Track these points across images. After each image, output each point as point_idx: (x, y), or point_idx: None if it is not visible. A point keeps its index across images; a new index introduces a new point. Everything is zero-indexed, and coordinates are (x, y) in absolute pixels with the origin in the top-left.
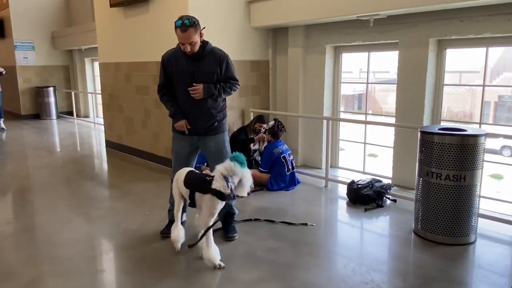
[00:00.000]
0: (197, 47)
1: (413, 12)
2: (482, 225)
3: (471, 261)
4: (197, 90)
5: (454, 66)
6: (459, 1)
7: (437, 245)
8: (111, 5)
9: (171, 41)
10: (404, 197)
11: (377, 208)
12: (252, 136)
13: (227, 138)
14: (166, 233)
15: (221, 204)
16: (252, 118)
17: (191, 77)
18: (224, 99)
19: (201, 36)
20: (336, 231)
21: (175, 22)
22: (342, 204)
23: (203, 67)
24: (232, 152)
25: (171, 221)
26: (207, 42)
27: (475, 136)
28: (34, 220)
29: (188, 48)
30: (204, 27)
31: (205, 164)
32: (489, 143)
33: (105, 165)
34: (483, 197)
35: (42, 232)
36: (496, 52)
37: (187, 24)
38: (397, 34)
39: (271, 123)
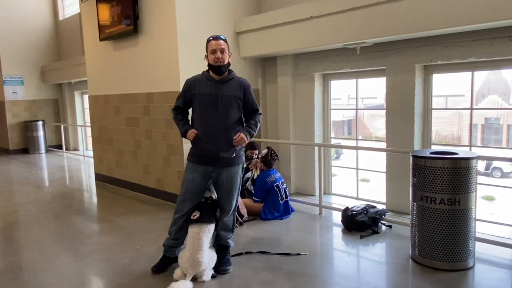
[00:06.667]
0: (226, 59)
1: (399, 39)
2: (479, 249)
3: (471, 287)
4: (241, 138)
5: (440, 91)
6: (443, 28)
7: (435, 271)
8: (101, 39)
9: (161, 72)
10: (399, 223)
11: (373, 234)
12: (246, 165)
13: (240, 171)
14: (157, 269)
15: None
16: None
17: (214, 100)
18: None
19: (229, 56)
20: (332, 260)
21: (208, 38)
22: (337, 231)
23: (226, 91)
24: None
25: (165, 257)
26: (232, 70)
27: (467, 159)
28: (20, 258)
29: (219, 55)
30: (231, 54)
31: None
32: (479, 165)
33: (94, 199)
34: (479, 220)
35: (28, 271)
36: (481, 76)
37: (219, 36)
38: (383, 61)
39: (265, 151)
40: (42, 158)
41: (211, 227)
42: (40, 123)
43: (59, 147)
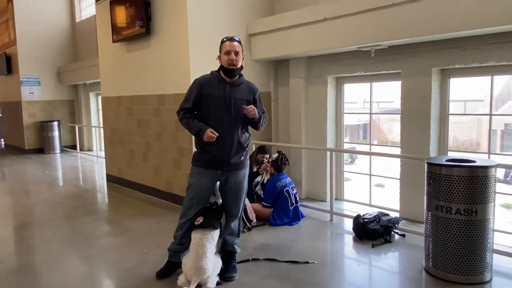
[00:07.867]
0: (239, 62)
1: (415, 42)
2: (497, 261)
3: None
4: (253, 109)
5: (458, 95)
6: (461, 30)
7: (450, 284)
8: (114, 41)
9: (172, 74)
10: (413, 232)
11: (385, 243)
12: (256, 169)
13: (246, 174)
14: (161, 274)
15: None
16: (254, 149)
17: (228, 103)
18: (250, 135)
19: (242, 59)
20: (343, 269)
21: (222, 39)
22: (348, 239)
23: (238, 94)
24: None
25: (170, 261)
26: (242, 74)
27: (485, 168)
28: (28, 259)
29: (233, 56)
30: (244, 56)
31: None
32: (498, 173)
33: (105, 200)
34: (497, 230)
35: (35, 272)
36: (500, 81)
37: (234, 37)
38: (399, 64)
39: (275, 155)
40: (56, 158)
41: (215, 234)
42: (55, 123)
43: (74, 147)
